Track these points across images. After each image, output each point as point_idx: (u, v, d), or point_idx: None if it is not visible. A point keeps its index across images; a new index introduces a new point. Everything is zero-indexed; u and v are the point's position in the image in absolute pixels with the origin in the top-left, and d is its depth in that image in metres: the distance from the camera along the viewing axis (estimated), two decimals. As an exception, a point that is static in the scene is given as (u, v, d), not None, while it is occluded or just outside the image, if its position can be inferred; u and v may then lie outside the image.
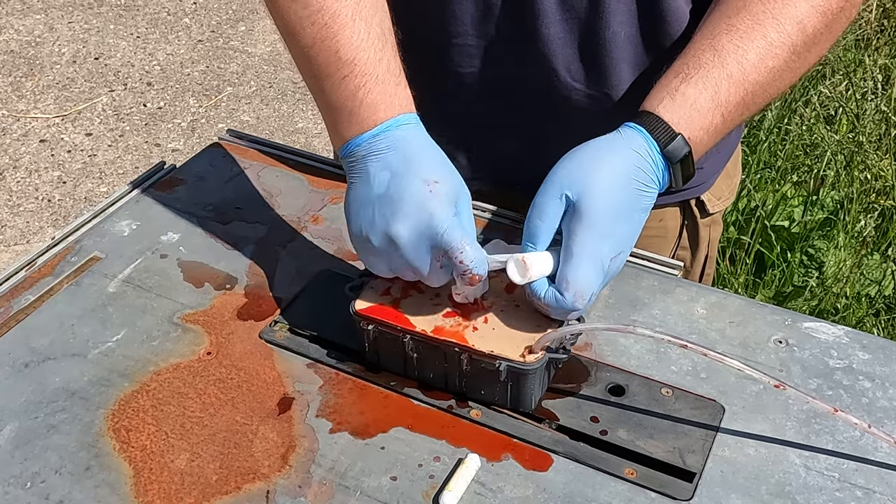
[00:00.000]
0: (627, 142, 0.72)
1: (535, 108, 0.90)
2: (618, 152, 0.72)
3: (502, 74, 0.89)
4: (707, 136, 0.74)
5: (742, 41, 0.74)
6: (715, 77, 0.74)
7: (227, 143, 1.06)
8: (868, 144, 2.25)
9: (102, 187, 2.66)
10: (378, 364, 0.76)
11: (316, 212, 0.95)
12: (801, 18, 0.75)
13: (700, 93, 0.73)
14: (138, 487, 0.67)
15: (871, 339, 0.79)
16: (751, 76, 0.74)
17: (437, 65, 0.90)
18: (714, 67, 0.74)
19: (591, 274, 0.69)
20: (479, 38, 0.87)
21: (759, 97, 0.76)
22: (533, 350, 0.70)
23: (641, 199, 0.72)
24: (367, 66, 0.73)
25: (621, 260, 0.71)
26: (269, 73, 3.16)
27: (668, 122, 0.72)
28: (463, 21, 0.86)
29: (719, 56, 0.74)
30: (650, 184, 0.72)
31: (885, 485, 0.67)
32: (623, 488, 0.67)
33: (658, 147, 0.72)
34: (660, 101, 0.74)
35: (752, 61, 0.74)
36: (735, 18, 0.75)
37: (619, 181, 0.70)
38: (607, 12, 0.82)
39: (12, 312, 0.83)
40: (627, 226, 0.71)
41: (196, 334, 0.80)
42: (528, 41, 0.85)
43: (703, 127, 0.73)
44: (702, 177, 0.98)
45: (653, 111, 0.73)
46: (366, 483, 0.68)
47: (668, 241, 1.03)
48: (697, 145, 0.74)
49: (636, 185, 0.71)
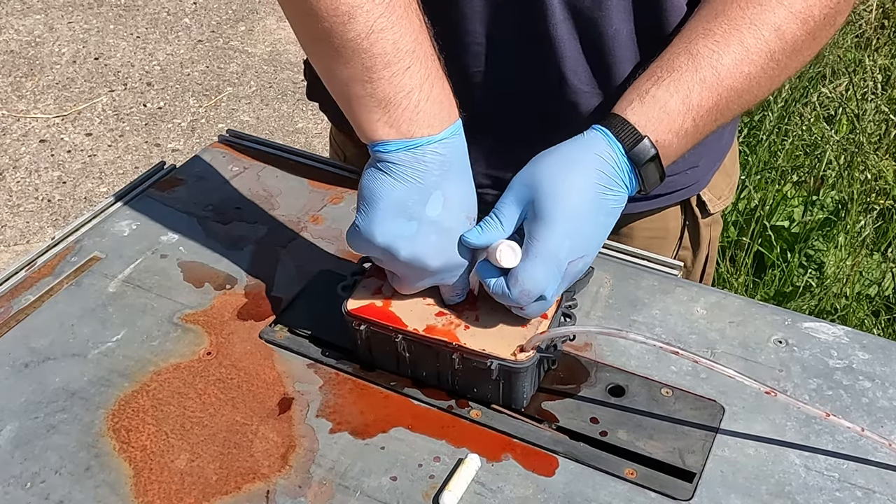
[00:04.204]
0: (590, 144, 0.72)
1: (541, 113, 0.90)
2: (579, 155, 0.71)
3: (510, 78, 0.89)
4: (677, 139, 0.73)
5: (718, 46, 0.74)
6: (687, 81, 0.73)
7: (227, 143, 1.06)
8: (868, 144, 2.25)
9: (102, 187, 2.66)
10: (371, 363, 0.76)
11: (316, 212, 0.95)
12: (780, 25, 0.74)
13: (671, 96, 0.73)
14: (138, 487, 0.67)
15: (871, 339, 0.79)
16: (725, 81, 0.73)
17: (447, 69, 0.89)
18: (687, 71, 0.73)
19: (543, 275, 0.69)
20: (489, 41, 0.87)
21: (735, 103, 0.75)
22: (524, 349, 0.70)
23: (605, 201, 0.71)
24: (428, 60, 0.71)
25: (585, 262, 0.71)
26: (269, 73, 3.17)
27: (635, 124, 0.72)
28: (472, 21, 0.85)
29: (693, 60, 0.73)
30: (614, 186, 0.71)
31: (885, 485, 0.67)
32: (623, 488, 0.67)
33: (623, 149, 0.71)
34: (629, 104, 0.73)
35: (728, 66, 0.73)
36: (713, 23, 0.75)
37: (580, 184, 0.70)
38: (609, 9, 0.82)
39: (12, 312, 0.83)
40: (590, 228, 0.71)
41: (196, 334, 0.80)
42: (537, 43, 0.85)
43: (672, 130, 0.73)
44: (698, 174, 0.98)
45: (620, 114, 0.73)
46: (366, 483, 0.68)
47: (670, 242, 1.03)
48: (666, 149, 0.73)
49: (598, 189, 0.70)
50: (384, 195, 0.69)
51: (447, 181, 0.70)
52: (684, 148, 0.75)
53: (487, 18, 0.85)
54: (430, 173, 0.69)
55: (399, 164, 0.69)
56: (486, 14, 0.85)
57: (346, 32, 0.68)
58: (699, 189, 1.00)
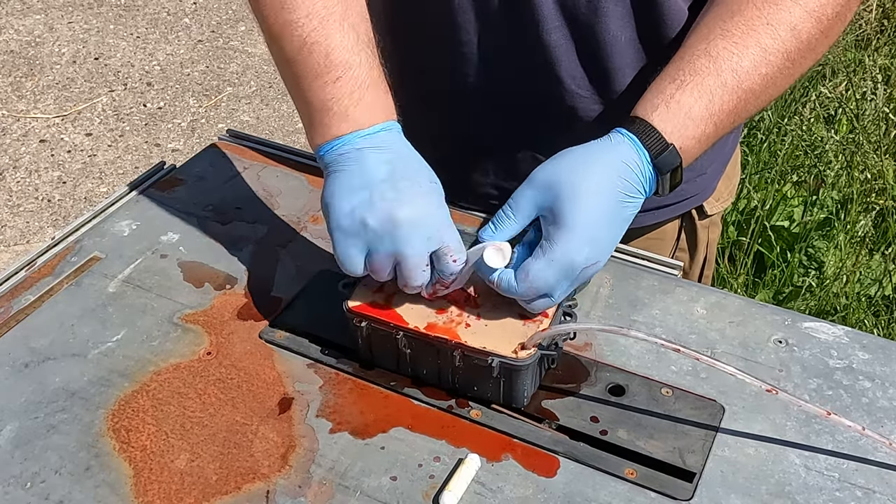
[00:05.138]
0: (616, 149, 0.72)
1: (543, 120, 0.90)
2: (605, 160, 0.71)
3: (507, 84, 0.88)
4: (698, 144, 0.74)
5: (737, 47, 0.74)
6: (710, 85, 0.73)
7: (226, 144, 1.06)
8: (868, 144, 2.25)
9: (102, 187, 2.66)
10: (372, 361, 0.76)
11: (316, 212, 0.95)
12: (796, 24, 0.74)
13: (696, 101, 0.73)
14: (138, 487, 0.67)
15: (871, 339, 0.79)
16: (744, 84, 0.74)
17: (442, 77, 0.89)
18: (709, 75, 0.73)
19: (555, 278, 0.69)
20: (483, 49, 0.86)
21: (752, 104, 0.75)
22: (525, 346, 0.70)
23: (624, 208, 0.71)
24: (360, 70, 0.74)
25: (597, 268, 0.71)
26: (269, 73, 3.17)
27: (662, 131, 0.72)
28: (466, 30, 0.85)
29: (715, 63, 0.73)
30: (634, 193, 0.71)
31: (885, 485, 0.67)
32: (623, 488, 0.67)
33: (649, 157, 0.71)
34: (654, 108, 0.73)
35: (747, 69, 0.74)
36: (730, 23, 0.75)
37: (603, 190, 0.70)
38: (606, 16, 0.82)
39: (12, 312, 0.83)
40: (608, 234, 0.71)
41: (196, 334, 0.80)
42: (531, 50, 0.84)
43: (694, 136, 0.73)
44: (703, 182, 0.98)
45: (646, 118, 0.73)
46: (366, 483, 0.68)
47: (667, 244, 1.03)
48: (687, 154, 0.73)
49: (620, 196, 0.71)
50: (335, 190, 0.73)
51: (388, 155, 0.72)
52: (702, 152, 0.75)
53: (480, 28, 0.85)
54: (367, 154, 0.72)
55: (336, 160, 0.73)
56: (479, 23, 0.85)
57: (283, 46, 0.76)
58: (706, 197, 1.00)
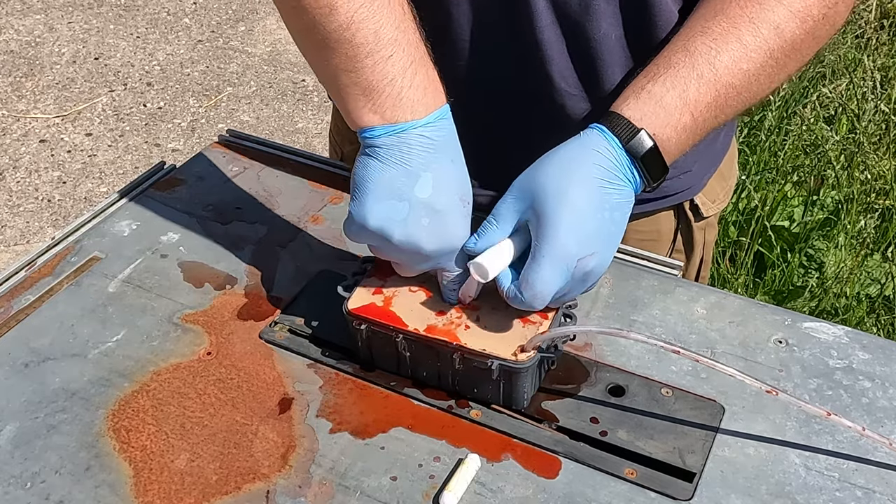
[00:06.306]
0: (587, 142, 0.72)
1: (532, 118, 0.90)
2: (577, 153, 0.72)
3: (499, 80, 0.89)
4: (676, 133, 0.74)
5: (716, 43, 0.74)
6: (683, 76, 0.73)
7: (227, 143, 1.06)
8: (868, 144, 2.25)
9: (102, 187, 2.66)
10: (372, 363, 0.76)
11: (316, 212, 0.95)
12: (779, 23, 0.75)
13: (667, 91, 0.73)
14: (138, 487, 0.67)
15: (871, 339, 0.79)
16: (723, 78, 0.74)
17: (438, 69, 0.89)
18: (683, 67, 0.74)
19: (551, 277, 0.69)
20: (477, 43, 0.87)
21: (734, 100, 0.75)
22: (525, 349, 0.70)
23: (608, 196, 0.71)
24: (411, 47, 0.72)
25: (599, 259, 0.71)
26: (269, 73, 3.17)
27: (630, 118, 0.72)
28: (460, 24, 0.86)
29: (690, 57, 0.74)
30: (614, 180, 0.71)
31: (885, 485, 0.67)
32: (623, 488, 0.67)
33: (619, 143, 0.72)
34: (625, 101, 0.74)
35: (725, 63, 0.74)
36: (711, 22, 0.75)
37: (580, 180, 0.70)
38: (597, 14, 0.82)
39: (12, 312, 0.83)
40: (594, 223, 0.70)
41: (196, 334, 0.80)
42: (524, 46, 0.85)
43: (669, 125, 0.73)
44: (691, 179, 0.98)
45: (616, 111, 0.74)
46: (366, 483, 0.68)
47: (663, 245, 1.02)
48: (666, 143, 0.73)
49: (598, 182, 0.71)
50: (373, 178, 0.71)
51: (436, 164, 0.71)
52: (686, 143, 0.75)
53: (475, 21, 0.85)
54: (417, 156, 0.71)
55: (385, 147, 0.71)
56: (474, 17, 0.85)
57: (329, 24, 0.71)
58: (693, 194, 1.00)
